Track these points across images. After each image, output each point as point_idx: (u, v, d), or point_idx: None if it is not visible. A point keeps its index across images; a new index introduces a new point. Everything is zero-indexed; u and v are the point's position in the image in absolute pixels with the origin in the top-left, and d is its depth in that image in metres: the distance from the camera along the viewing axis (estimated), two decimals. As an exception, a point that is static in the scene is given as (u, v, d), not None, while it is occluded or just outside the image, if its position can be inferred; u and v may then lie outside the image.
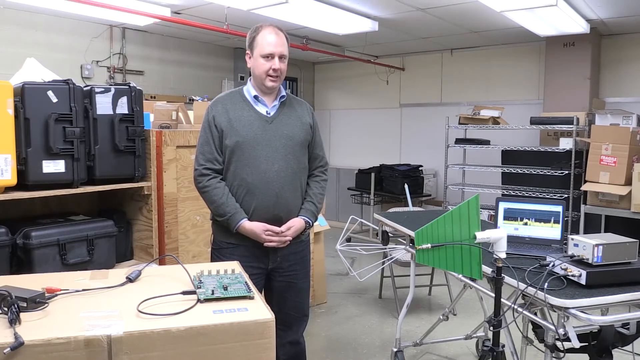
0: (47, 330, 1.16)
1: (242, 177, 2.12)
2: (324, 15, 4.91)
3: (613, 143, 4.38)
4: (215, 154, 2.14)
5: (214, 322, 1.24)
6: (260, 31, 2.15)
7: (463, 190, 5.97)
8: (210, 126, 2.15)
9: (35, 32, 5.28)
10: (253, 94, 2.18)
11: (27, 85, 2.11)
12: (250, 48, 2.18)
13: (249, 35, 2.19)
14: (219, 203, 2.12)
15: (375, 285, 4.45)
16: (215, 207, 2.14)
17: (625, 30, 5.67)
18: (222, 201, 2.11)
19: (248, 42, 2.19)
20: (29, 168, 2.10)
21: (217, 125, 2.14)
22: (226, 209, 2.10)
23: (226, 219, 2.11)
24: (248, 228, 2.10)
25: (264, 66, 2.12)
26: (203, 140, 2.16)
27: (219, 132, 2.14)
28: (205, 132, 2.16)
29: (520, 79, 6.57)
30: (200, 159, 2.15)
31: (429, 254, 1.82)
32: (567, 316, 1.73)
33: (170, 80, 6.57)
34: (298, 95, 8.47)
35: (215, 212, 2.15)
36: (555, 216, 2.42)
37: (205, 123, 2.17)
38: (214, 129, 2.14)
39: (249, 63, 2.19)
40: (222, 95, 2.24)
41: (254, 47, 2.15)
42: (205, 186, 2.14)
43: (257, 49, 2.13)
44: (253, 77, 2.19)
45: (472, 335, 3.04)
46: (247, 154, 2.12)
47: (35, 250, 2.11)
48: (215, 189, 2.13)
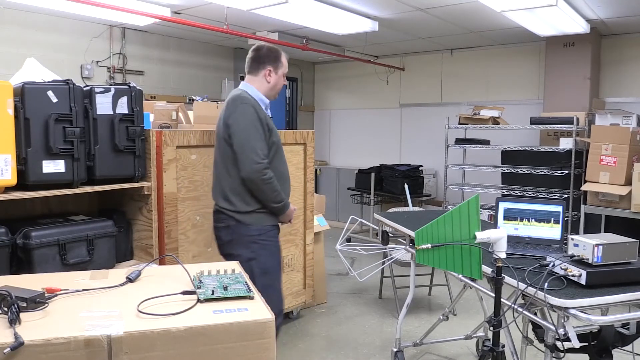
0: (47, 330, 1.16)
1: (281, 171, 2.54)
2: (324, 15, 4.91)
3: (613, 143, 4.39)
4: (266, 150, 2.44)
5: (214, 322, 1.24)
6: (281, 54, 2.59)
7: (463, 190, 5.97)
8: (262, 124, 2.42)
9: (35, 32, 5.28)
10: (267, 101, 2.56)
11: (27, 85, 2.11)
12: (274, 66, 2.55)
13: (272, 55, 2.56)
14: (279, 190, 2.47)
15: (375, 285, 4.45)
16: (275, 195, 2.46)
17: (625, 30, 5.67)
18: (279, 189, 2.48)
19: (273, 60, 2.55)
20: (29, 168, 2.10)
21: (268, 125, 2.45)
22: (282, 195, 2.50)
23: (283, 204, 2.51)
24: (292, 208, 2.60)
25: (280, 85, 2.61)
26: (258, 137, 2.40)
27: (266, 130, 2.44)
28: (257, 129, 2.40)
29: (520, 79, 6.57)
30: (260, 154, 2.39)
31: (429, 254, 1.82)
32: (567, 316, 1.73)
33: (170, 80, 6.57)
34: (298, 96, 8.49)
35: (275, 199, 2.47)
36: (555, 216, 2.42)
37: (256, 121, 2.41)
38: (265, 127, 2.44)
39: (272, 78, 2.55)
40: (249, 98, 2.47)
41: (279, 67, 2.57)
42: (270, 177, 2.42)
43: (282, 69, 2.58)
44: (269, 88, 2.56)
45: (472, 335, 3.04)
46: (281, 150, 2.58)
47: (35, 250, 2.11)
48: (274, 179, 2.45)
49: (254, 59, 2.56)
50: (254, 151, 2.37)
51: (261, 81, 2.55)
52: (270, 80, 2.55)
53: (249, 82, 2.56)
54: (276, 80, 2.57)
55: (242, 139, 2.38)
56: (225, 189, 2.49)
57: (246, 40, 6.40)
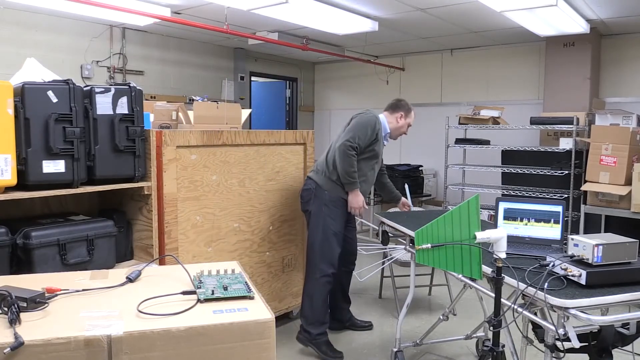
0: (47, 330, 1.16)
1: (365, 172, 3.20)
2: (324, 15, 4.90)
3: (613, 143, 4.38)
4: (362, 148, 3.12)
5: (214, 322, 1.24)
6: (412, 110, 3.40)
7: (463, 190, 5.97)
8: (373, 132, 3.14)
9: (35, 32, 5.28)
10: (387, 131, 3.32)
11: (27, 85, 2.11)
12: (406, 114, 3.34)
13: (407, 107, 3.38)
14: (355, 169, 3.09)
15: (375, 285, 4.45)
16: (352, 172, 3.07)
17: (625, 30, 5.67)
18: (354, 170, 3.08)
19: (406, 110, 3.35)
20: (29, 168, 2.10)
21: (377, 135, 3.16)
22: (355, 175, 3.10)
23: (355, 181, 3.09)
24: (361, 198, 3.15)
25: (404, 129, 3.38)
26: (365, 135, 3.10)
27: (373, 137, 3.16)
28: (369, 133, 3.12)
29: (520, 79, 6.57)
30: (357, 140, 3.07)
31: (429, 254, 1.82)
32: (567, 316, 1.73)
33: (170, 80, 6.57)
34: (298, 96, 8.49)
35: (349, 175, 3.07)
36: (555, 216, 2.42)
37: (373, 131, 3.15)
38: (374, 135, 3.15)
39: (399, 121, 3.33)
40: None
41: (409, 116, 3.36)
42: (353, 155, 3.06)
43: (409, 119, 3.36)
44: (393, 128, 3.34)
45: (472, 335, 3.04)
46: (376, 159, 3.27)
47: (35, 250, 2.11)
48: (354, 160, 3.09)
49: (394, 104, 3.36)
50: (355, 136, 3.07)
51: (391, 120, 3.33)
52: (399, 123, 3.33)
53: (385, 116, 3.33)
54: (402, 123, 3.34)
55: (354, 127, 3.13)
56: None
57: (246, 40, 6.40)
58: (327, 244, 3.11)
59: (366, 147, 3.13)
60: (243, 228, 3.18)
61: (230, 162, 3.05)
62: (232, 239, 3.11)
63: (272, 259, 3.41)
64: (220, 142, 2.96)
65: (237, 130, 3.11)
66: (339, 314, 3.48)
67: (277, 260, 3.45)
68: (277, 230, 3.42)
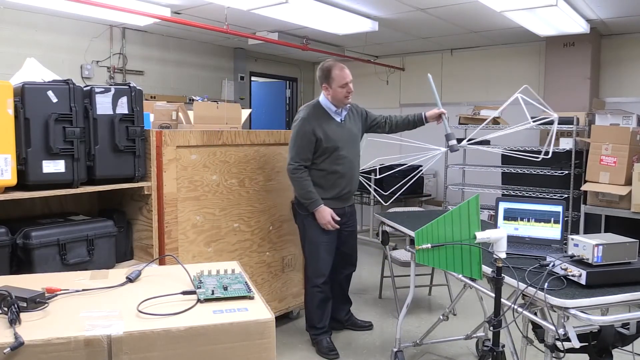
0: (47, 330, 1.16)
1: (334, 169, 3.05)
2: (324, 15, 4.90)
3: (613, 143, 4.38)
4: (310, 158, 3.01)
5: (214, 322, 1.24)
6: (332, 69, 3.00)
7: (463, 190, 5.97)
8: (306, 136, 2.96)
9: (35, 32, 5.28)
10: (332, 109, 3.07)
11: (27, 85, 2.11)
12: (328, 82, 3.01)
13: (324, 73, 3.01)
14: (309, 188, 3.02)
15: (375, 285, 4.45)
16: (307, 192, 3.00)
17: (625, 30, 5.67)
18: (309, 190, 3.03)
19: (325, 78, 3.01)
20: (29, 168, 2.10)
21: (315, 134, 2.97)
22: (311, 194, 3.01)
23: (313, 200, 3.00)
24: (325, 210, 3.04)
25: (341, 95, 3.02)
26: (301, 147, 2.99)
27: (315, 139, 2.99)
28: (303, 142, 2.97)
29: (520, 79, 6.56)
30: (297, 158, 2.98)
31: (429, 254, 1.82)
32: (567, 316, 1.73)
33: (170, 80, 6.57)
34: (298, 96, 8.48)
35: (305, 197, 3.01)
36: (555, 216, 2.42)
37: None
38: (311, 138, 2.97)
39: (329, 92, 3.02)
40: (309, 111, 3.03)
41: (332, 80, 2.99)
42: (300, 176, 3.01)
43: (334, 83, 2.99)
44: (332, 101, 3.04)
45: (472, 335, 3.04)
46: (335, 151, 3.04)
47: (35, 250, 2.11)
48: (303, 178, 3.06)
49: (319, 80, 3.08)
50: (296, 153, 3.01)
51: (326, 95, 3.08)
52: (330, 94, 3.04)
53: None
54: (332, 93, 3.03)
55: (290, 145, 3.08)
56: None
57: (246, 40, 6.40)
58: (314, 255, 3.13)
59: (315, 152, 3.00)
60: (243, 228, 3.18)
61: (230, 162, 3.05)
62: (232, 239, 3.11)
63: (272, 259, 3.41)
64: (220, 142, 2.96)
65: (237, 130, 3.11)
66: (339, 314, 3.49)
67: (277, 260, 3.45)
68: (277, 230, 3.42)
